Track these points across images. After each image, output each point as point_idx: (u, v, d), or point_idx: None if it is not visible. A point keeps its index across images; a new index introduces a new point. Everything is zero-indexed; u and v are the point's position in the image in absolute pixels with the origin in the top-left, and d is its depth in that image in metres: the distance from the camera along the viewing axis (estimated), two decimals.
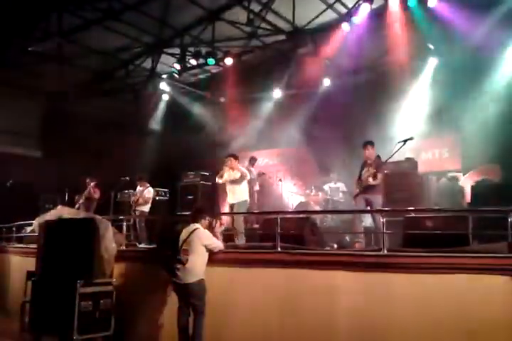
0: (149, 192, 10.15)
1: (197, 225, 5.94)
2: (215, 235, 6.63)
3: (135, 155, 13.04)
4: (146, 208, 10.19)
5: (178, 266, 5.62)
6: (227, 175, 8.25)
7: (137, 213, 10.04)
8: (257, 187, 11.77)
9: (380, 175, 7.21)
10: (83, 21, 11.10)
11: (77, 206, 10.65)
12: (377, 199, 7.29)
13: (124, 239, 7.77)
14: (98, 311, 6.28)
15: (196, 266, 5.69)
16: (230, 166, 8.24)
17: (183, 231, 5.94)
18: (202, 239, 5.82)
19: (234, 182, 8.24)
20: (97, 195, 10.80)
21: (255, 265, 5.93)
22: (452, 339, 4.74)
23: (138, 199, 10.02)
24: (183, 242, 5.78)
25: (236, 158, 8.34)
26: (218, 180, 8.46)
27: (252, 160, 11.93)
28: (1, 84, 12.14)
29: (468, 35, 9.35)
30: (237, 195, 8.26)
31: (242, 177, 8.22)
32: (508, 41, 9.90)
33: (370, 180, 7.22)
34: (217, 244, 6.04)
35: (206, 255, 5.84)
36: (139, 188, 10.18)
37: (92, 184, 10.69)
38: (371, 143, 7.63)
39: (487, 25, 9.24)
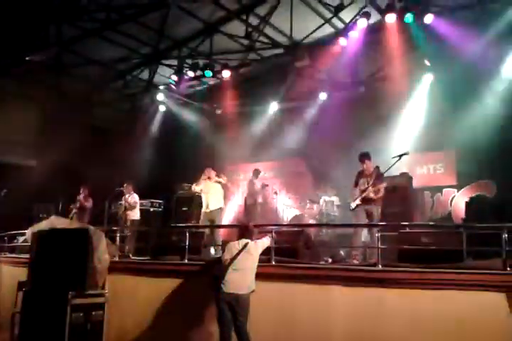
0: (133, 197, 10.22)
1: (248, 240, 5.78)
2: None
3: (131, 165, 13.01)
4: (136, 215, 10.21)
5: (233, 276, 5.46)
6: (204, 184, 8.74)
7: (128, 223, 10.04)
8: (260, 200, 11.78)
9: (382, 189, 7.30)
10: (82, 31, 11.15)
11: (71, 215, 10.61)
12: (377, 211, 7.37)
13: (117, 250, 7.73)
14: (90, 323, 6.17)
15: (252, 276, 5.56)
16: (208, 175, 8.77)
17: (233, 245, 5.75)
18: (258, 248, 5.71)
19: (210, 191, 8.63)
20: (89, 204, 10.75)
21: None
22: None
23: (125, 207, 10.05)
24: (237, 254, 5.55)
25: (215, 170, 8.96)
26: (194, 188, 8.92)
27: (256, 172, 11.95)
28: None
29: (464, 52, 9.43)
30: (211, 203, 8.68)
31: (220, 188, 8.75)
32: (503, 57, 10.00)
33: (372, 195, 7.30)
34: (267, 239, 5.94)
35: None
36: (124, 197, 10.21)
37: (82, 194, 10.69)
38: (367, 156, 7.71)
39: (483, 41, 9.34)
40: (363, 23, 9.68)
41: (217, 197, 8.95)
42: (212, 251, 7.79)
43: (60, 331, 5.89)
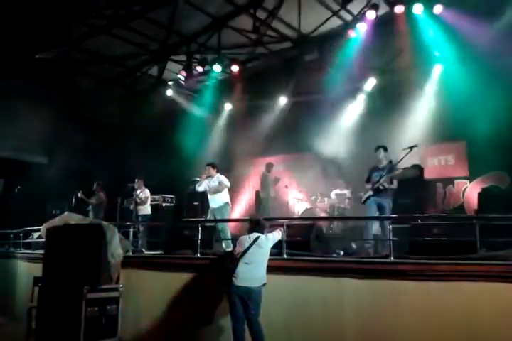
0: (145, 192, 10.31)
1: (259, 234, 5.82)
2: None
3: (142, 161, 13.08)
4: (147, 210, 10.29)
5: (244, 269, 5.50)
6: (206, 183, 8.73)
7: (140, 219, 10.14)
8: (272, 194, 11.80)
9: (395, 181, 7.30)
10: (90, 29, 11.20)
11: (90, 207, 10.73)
12: (388, 203, 7.36)
13: (130, 245, 7.80)
14: (104, 317, 6.25)
15: (263, 270, 5.62)
16: (208, 175, 8.69)
17: (244, 239, 5.79)
18: (269, 241, 5.75)
19: (214, 189, 8.64)
20: (98, 200, 10.80)
21: None
22: None
23: (136, 203, 10.14)
24: (248, 247, 5.60)
25: (214, 166, 8.82)
26: (198, 188, 8.92)
27: (269, 166, 11.97)
28: (9, 91, 12.24)
29: (474, 42, 9.35)
30: (216, 200, 8.67)
31: (222, 185, 8.60)
32: None
33: (386, 184, 7.30)
34: (278, 233, 5.96)
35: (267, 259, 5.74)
36: (136, 192, 10.29)
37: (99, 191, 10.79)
38: (385, 148, 7.72)
39: (493, 31, 9.24)
40: (371, 15, 9.62)
41: (221, 194, 8.82)
42: (224, 245, 7.83)
43: (76, 325, 5.96)
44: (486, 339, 4.62)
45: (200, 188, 8.86)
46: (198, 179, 9.08)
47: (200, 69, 12.04)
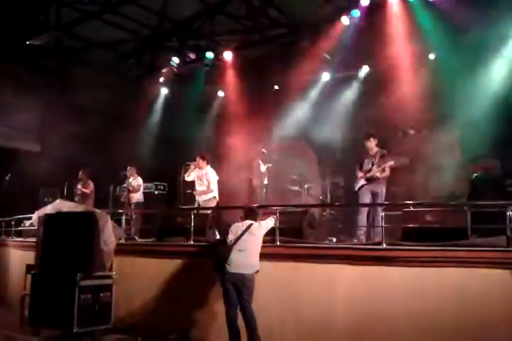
0: (137, 180, 10.33)
1: (252, 221, 5.86)
2: None
3: (134, 148, 13.02)
4: (139, 197, 10.29)
5: (238, 256, 5.54)
6: (195, 173, 8.76)
7: (132, 206, 10.13)
8: (265, 181, 11.80)
9: (387, 168, 7.32)
10: (82, 14, 11.04)
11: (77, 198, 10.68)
12: (382, 191, 7.40)
13: (123, 233, 7.80)
14: (98, 304, 6.27)
15: (256, 257, 5.65)
16: (198, 166, 8.72)
17: (237, 226, 5.84)
18: (262, 229, 5.79)
19: (201, 180, 8.63)
20: (88, 189, 10.73)
21: None
22: (451, 333, 4.77)
23: (129, 190, 10.13)
24: (241, 235, 5.65)
25: (204, 158, 8.78)
26: (186, 178, 9.04)
27: (261, 154, 11.93)
28: (0, 77, 12.10)
29: (468, 29, 9.32)
30: (203, 193, 8.63)
31: (208, 177, 8.59)
32: (508, 34, 9.85)
33: (378, 174, 7.33)
34: (271, 220, 5.99)
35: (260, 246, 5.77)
36: (128, 180, 10.27)
37: (81, 182, 10.70)
38: (373, 136, 7.74)
39: (487, 18, 9.20)
40: (365, 2, 9.56)
41: (209, 187, 8.74)
42: (217, 232, 7.84)
43: (69, 312, 5.98)
44: (477, 324, 4.67)
45: (188, 178, 8.90)
46: (189, 163, 9.05)
47: (193, 55, 11.94)
